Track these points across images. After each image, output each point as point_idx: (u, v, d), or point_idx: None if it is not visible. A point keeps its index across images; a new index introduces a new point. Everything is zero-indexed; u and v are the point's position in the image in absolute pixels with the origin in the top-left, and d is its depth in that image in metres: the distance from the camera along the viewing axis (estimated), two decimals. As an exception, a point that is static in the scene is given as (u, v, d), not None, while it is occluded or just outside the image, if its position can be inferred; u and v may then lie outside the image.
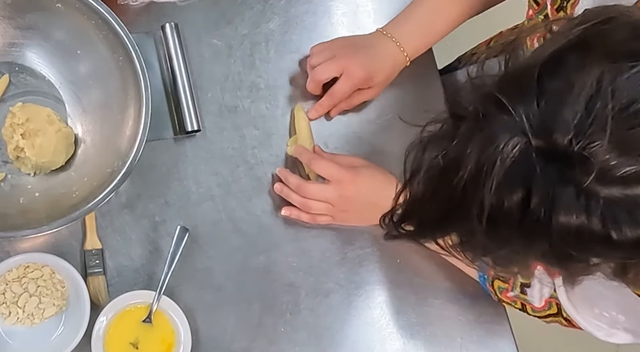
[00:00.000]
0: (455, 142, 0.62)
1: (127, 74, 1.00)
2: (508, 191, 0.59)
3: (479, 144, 0.60)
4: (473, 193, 0.60)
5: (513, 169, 0.58)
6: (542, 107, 0.58)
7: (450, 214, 0.64)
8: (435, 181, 0.65)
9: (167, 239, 1.05)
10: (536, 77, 0.59)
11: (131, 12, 1.09)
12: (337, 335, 1.10)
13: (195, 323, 1.04)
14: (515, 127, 0.58)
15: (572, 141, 0.56)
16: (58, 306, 1.00)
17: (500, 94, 0.60)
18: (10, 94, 1.05)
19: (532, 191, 0.58)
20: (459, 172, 0.61)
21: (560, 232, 0.58)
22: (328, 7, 1.20)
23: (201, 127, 1.08)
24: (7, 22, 1.03)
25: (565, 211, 0.57)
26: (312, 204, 1.07)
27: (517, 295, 1.02)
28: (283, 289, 1.09)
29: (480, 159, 0.60)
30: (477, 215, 0.60)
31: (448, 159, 0.63)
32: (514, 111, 0.58)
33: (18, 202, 1.01)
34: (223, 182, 1.10)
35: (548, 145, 0.57)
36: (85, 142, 1.05)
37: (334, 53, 1.10)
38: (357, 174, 1.07)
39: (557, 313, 1.00)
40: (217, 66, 1.14)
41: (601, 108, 0.56)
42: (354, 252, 1.12)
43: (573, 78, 0.58)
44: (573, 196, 0.57)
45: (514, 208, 0.59)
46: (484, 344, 1.13)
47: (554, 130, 0.57)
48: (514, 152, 0.58)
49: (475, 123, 0.61)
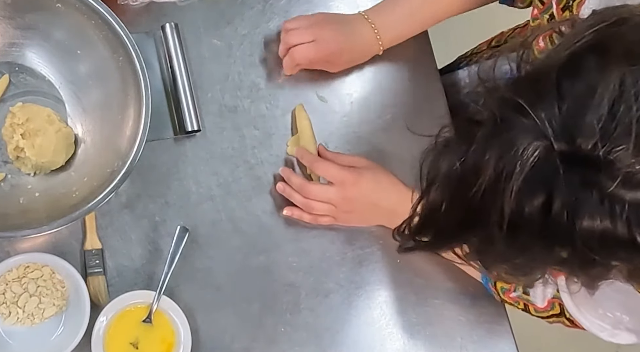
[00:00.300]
0: (473, 148, 0.61)
1: (127, 74, 1.00)
2: (529, 196, 0.58)
3: (498, 148, 0.59)
4: (493, 199, 0.59)
5: (534, 173, 0.58)
6: (564, 111, 0.57)
7: (468, 222, 0.63)
8: (453, 189, 0.64)
9: (167, 239, 1.05)
10: (555, 80, 0.59)
11: (131, 12, 1.09)
12: (337, 335, 1.10)
13: (195, 323, 1.04)
14: (536, 131, 0.58)
15: (596, 145, 0.56)
16: (58, 306, 1.00)
17: (519, 97, 0.59)
18: (10, 94, 1.05)
19: (553, 196, 0.57)
20: (477, 179, 0.60)
21: (584, 237, 0.57)
22: (328, 7, 1.19)
23: (201, 127, 1.08)
24: (7, 22, 1.03)
25: (590, 215, 0.57)
26: (315, 205, 1.07)
27: (520, 295, 1.02)
28: (283, 289, 1.09)
29: (500, 164, 0.59)
30: (497, 222, 0.60)
31: (466, 166, 0.62)
32: (534, 115, 0.58)
33: (18, 202, 1.01)
34: (223, 182, 1.10)
35: (571, 149, 0.57)
36: (85, 142, 1.05)
37: (312, 23, 1.10)
38: (360, 176, 1.07)
39: (559, 313, 0.99)
40: (217, 66, 1.14)
41: (625, 112, 0.56)
42: (354, 252, 1.12)
43: (594, 81, 0.57)
44: (597, 200, 0.57)
45: (534, 213, 0.58)
46: (484, 344, 1.13)
47: (578, 134, 0.56)
48: (534, 156, 0.58)
49: (493, 128, 0.61)
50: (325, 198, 1.07)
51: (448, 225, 0.66)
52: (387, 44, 1.12)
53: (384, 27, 1.11)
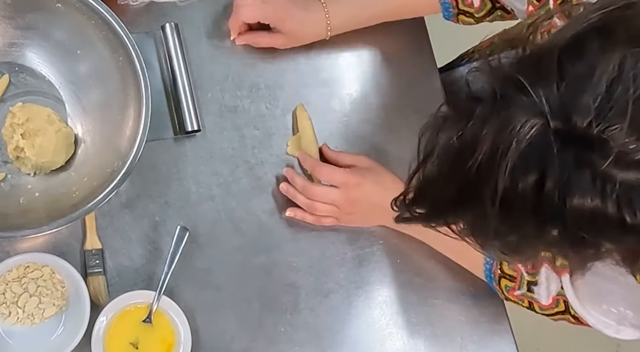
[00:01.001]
0: (471, 123, 0.62)
1: (127, 74, 1.00)
2: (523, 173, 0.59)
3: (496, 125, 0.60)
4: (487, 175, 0.60)
5: (529, 150, 0.58)
6: (562, 90, 0.58)
7: (463, 196, 0.64)
8: (449, 162, 0.64)
9: (167, 239, 1.05)
10: (557, 60, 0.59)
11: (131, 12, 1.09)
12: (337, 335, 1.10)
13: (195, 323, 1.04)
14: (534, 108, 0.58)
15: (591, 124, 0.56)
16: (58, 306, 1.00)
17: (520, 75, 0.59)
18: (10, 94, 1.05)
19: (547, 173, 0.58)
20: (473, 153, 0.60)
21: (574, 215, 0.58)
22: (328, 6, 1.19)
23: (201, 127, 1.08)
24: (7, 22, 1.03)
25: (581, 193, 0.57)
26: (318, 206, 1.07)
27: (524, 293, 1.02)
28: (283, 289, 1.09)
29: (496, 140, 0.59)
30: (490, 197, 0.60)
31: (463, 140, 0.62)
32: (533, 92, 0.58)
33: (18, 202, 1.01)
34: (223, 182, 1.10)
35: (567, 128, 0.57)
36: (85, 142, 1.05)
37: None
38: (362, 177, 1.07)
39: (564, 311, 0.99)
40: (217, 66, 1.14)
41: (622, 92, 0.56)
42: (354, 252, 1.12)
43: (594, 62, 0.58)
44: (589, 179, 0.57)
45: (528, 190, 0.59)
46: (484, 344, 1.13)
47: (574, 112, 0.57)
48: (530, 133, 0.58)
49: (492, 104, 0.61)
50: (329, 200, 1.07)
51: (443, 198, 0.66)
52: (335, 30, 1.13)
53: (336, 12, 1.11)
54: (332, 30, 1.12)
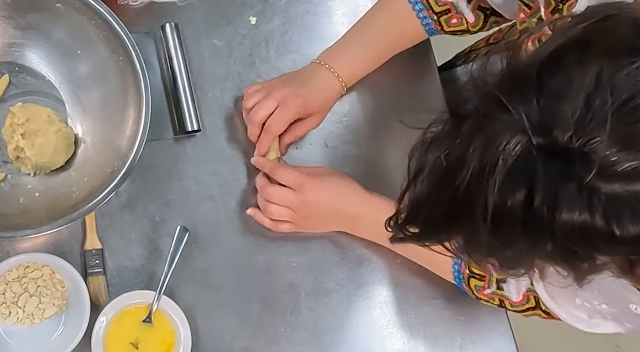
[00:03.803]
0: (458, 141, 0.62)
1: (127, 74, 1.00)
2: (511, 190, 0.59)
3: (481, 143, 0.60)
4: (477, 192, 0.60)
5: (515, 167, 0.58)
6: (542, 105, 0.58)
7: (454, 214, 0.64)
8: (438, 181, 0.65)
9: (167, 239, 1.05)
10: (536, 75, 0.60)
11: (131, 12, 1.09)
12: (337, 335, 1.10)
13: (195, 323, 1.04)
14: (516, 125, 0.58)
15: (572, 138, 0.57)
16: (58, 306, 1.00)
17: (501, 93, 0.60)
18: (10, 94, 1.05)
19: (534, 189, 0.58)
20: (462, 172, 0.61)
21: (563, 230, 0.58)
22: (328, 7, 1.20)
23: (201, 127, 1.08)
24: (7, 22, 1.03)
25: (568, 208, 0.57)
26: (273, 209, 1.05)
27: (494, 291, 1.02)
28: (283, 289, 1.09)
29: (483, 158, 0.60)
30: (481, 214, 0.60)
31: (451, 159, 0.63)
32: (513, 110, 0.59)
33: (18, 202, 1.01)
34: (223, 182, 1.10)
35: (548, 143, 0.58)
36: (85, 142, 1.05)
37: (268, 91, 1.07)
38: (320, 180, 1.06)
39: (535, 306, 0.99)
40: (217, 66, 1.14)
41: (601, 104, 0.56)
42: (354, 252, 1.12)
43: (572, 75, 0.58)
44: (575, 192, 0.57)
45: (517, 207, 0.59)
46: (484, 344, 1.13)
47: (554, 127, 0.57)
48: (515, 151, 0.58)
49: (477, 122, 0.61)
50: (284, 202, 1.05)
51: (435, 217, 0.66)
52: (348, 79, 1.11)
53: (338, 65, 1.10)
54: (346, 82, 1.11)
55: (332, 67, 1.10)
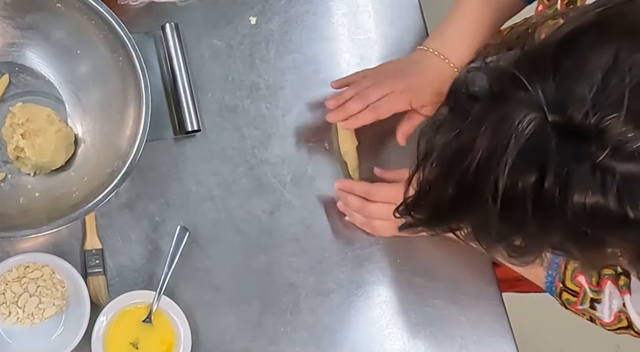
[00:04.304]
0: (469, 121, 0.61)
1: (127, 74, 1.00)
2: (523, 170, 0.58)
3: (494, 122, 0.59)
4: (487, 173, 0.59)
5: (528, 146, 0.58)
6: (558, 82, 0.58)
7: (463, 197, 0.63)
8: (448, 163, 0.64)
9: (167, 239, 1.05)
10: (553, 54, 0.59)
11: (131, 12, 1.09)
12: (337, 335, 1.10)
13: (195, 323, 1.04)
14: (531, 102, 0.58)
15: (587, 114, 0.56)
16: (58, 306, 1.00)
17: (517, 70, 0.59)
18: (10, 94, 1.05)
19: (546, 168, 0.57)
20: (472, 152, 0.60)
21: (575, 212, 0.57)
22: (328, 7, 1.20)
23: (201, 127, 1.08)
24: (7, 22, 1.03)
25: (581, 188, 0.57)
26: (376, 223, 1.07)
27: (586, 309, 1.00)
28: (283, 289, 1.09)
29: (495, 138, 0.59)
30: (491, 197, 0.59)
31: (461, 139, 0.62)
32: (530, 86, 0.58)
33: (18, 202, 1.01)
34: (223, 182, 1.10)
35: (564, 120, 0.57)
36: (85, 142, 1.05)
37: (376, 80, 1.07)
38: None
39: (627, 326, 0.97)
40: (217, 66, 1.14)
41: (618, 82, 0.56)
42: (354, 252, 1.12)
43: (589, 54, 0.58)
44: (589, 172, 0.56)
45: (528, 188, 0.58)
46: (484, 344, 1.13)
47: (570, 104, 0.57)
48: (529, 128, 0.57)
49: (489, 102, 0.61)
50: (385, 216, 1.06)
51: (443, 201, 0.65)
52: (458, 63, 1.08)
53: (447, 49, 1.08)
54: (457, 66, 1.08)
55: (442, 54, 1.08)
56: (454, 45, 1.08)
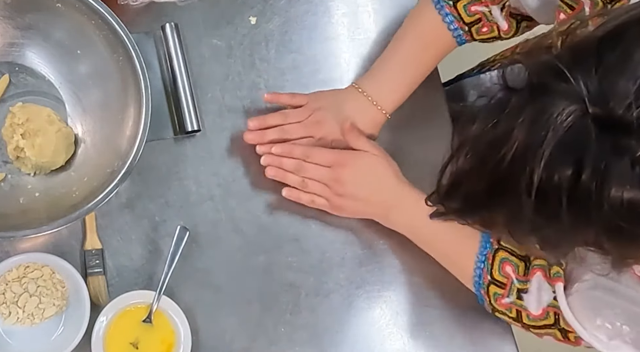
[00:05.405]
0: (507, 111, 0.61)
1: (127, 74, 1.00)
2: (560, 161, 0.58)
3: (532, 113, 0.59)
4: (523, 164, 0.59)
5: (566, 138, 0.57)
6: (601, 75, 0.57)
7: (497, 189, 0.62)
8: (483, 153, 0.63)
9: (167, 239, 1.05)
10: (596, 48, 0.59)
11: (131, 12, 1.09)
12: (337, 335, 1.10)
13: (195, 323, 1.04)
14: (573, 94, 0.58)
15: (630, 107, 0.56)
16: (58, 306, 1.00)
17: (560, 62, 0.59)
18: (10, 94, 1.05)
19: (584, 161, 0.57)
20: (508, 143, 0.60)
21: (612, 205, 0.57)
22: (328, 7, 1.20)
23: (201, 127, 1.08)
24: (7, 22, 1.03)
25: (619, 182, 0.56)
26: (310, 183, 1.06)
27: (513, 301, 0.99)
28: (283, 289, 1.09)
29: (533, 128, 0.59)
30: (526, 188, 0.59)
31: (498, 130, 0.62)
32: (572, 78, 0.58)
33: (18, 202, 1.01)
34: (223, 182, 1.10)
35: (605, 113, 0.57)
36: (85, 142, 1.05)
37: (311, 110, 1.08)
38: (356, 158, 1.05)
39: (553, 324, 0.97)
40: (217, 66, 1.14)
41: None
42: (354, 252, 1.12)
43: (633, 49, 0.57)
44: (628, 166, 0.56)
45: (565, 179, 0.58)
46: (484, 344, 1.13)
47: (612, 97, 0.56)
48: (568, 120, 0.57)
49: (529, 93, 0.61)
50: (319, 177, 1.05)
51: (476, 191, 0.65)
52: (389, 108, 1.09)
53: (378, 93, 1.08)
54: (388, 110, 1.09)
55: (370, 96, 1.08)
56: (386, 90, 1.09)
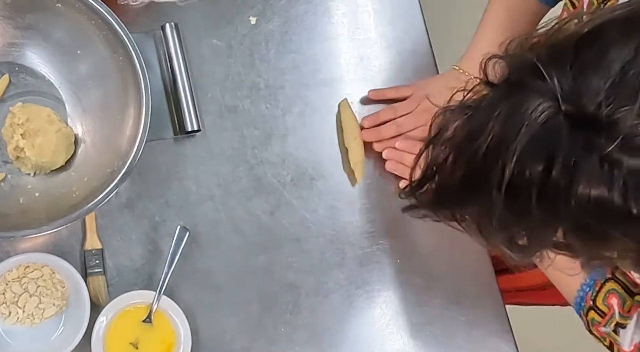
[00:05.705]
0: (483, 105, 0.62)
1: (127, 74, 1.00)
2: (531, 157, 0.58)
3: (507, 108, 0.60)
4: (495, 159, 0.59)
5: (539, 135, 0.58)
6: (575, 72, 0.58)
7: (469, 182, 0.63)
8: (458, 145, 0.64)
9: (167, 239, 1.05)
10: (574, 46, 0.59)
11: (131, 12, 1.09)
12: (337, 335, 1.10)
13: (195, 323, 1.04)
14: (547, 91, 0.58)
15: (601, 105, 0.56)
16: (58, 306, 1.00)
17: (537, 60, 0.60)
18: (10, 94, 1.05)
19: (555, 158, 0.57)
20: (483, 136, 0.60)
21: (580, 202, 0.57)
22: (328, 7, 1.20)
23: (201, 127, 1.08)
24: (7, 22, 1.03)
25: (587, 179, 0.57)
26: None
27: (609, 332, 0.97)
28: (283, 289, 1.09)
29: (507, 123, 0.59)
30: (497, 183, 0.59)
31: (473, 122, 0.62)
32: (547, 75, 0.58)
33: (18, 202, 1.01)
34: (223, 182, 1.10)
35: (576, 110, 0.57)
36: (85, 142, 1.05)
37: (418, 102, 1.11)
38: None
39: None
40: (217, 66, 1.14)
41: (635, 75, 0.56)
42: (354, 252, 1.12)
43: (610, 46, 0.58)
44: (596, 164, 0.56)
45: (535, 175, 0.58)
46: (484, 344, 1.13)
47: (584, 95, 0.57)
48: (541, 117, 0.58)
49: (506, 88, 0.61)
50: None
51: (449, 184, 0.66)
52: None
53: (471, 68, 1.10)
54: None
55: (473, 75, 1.08)
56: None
